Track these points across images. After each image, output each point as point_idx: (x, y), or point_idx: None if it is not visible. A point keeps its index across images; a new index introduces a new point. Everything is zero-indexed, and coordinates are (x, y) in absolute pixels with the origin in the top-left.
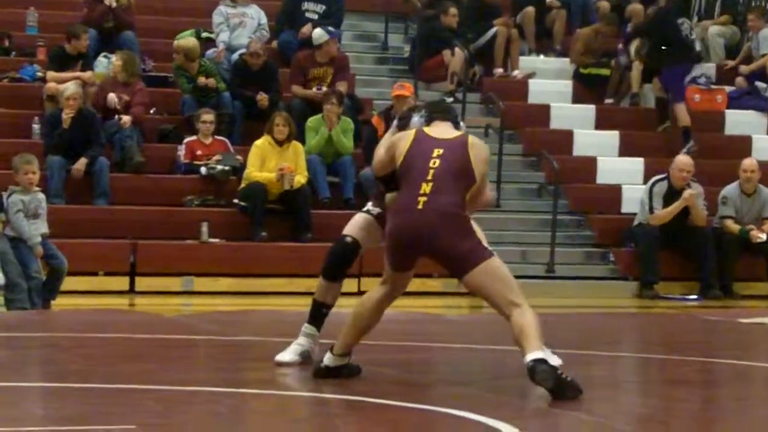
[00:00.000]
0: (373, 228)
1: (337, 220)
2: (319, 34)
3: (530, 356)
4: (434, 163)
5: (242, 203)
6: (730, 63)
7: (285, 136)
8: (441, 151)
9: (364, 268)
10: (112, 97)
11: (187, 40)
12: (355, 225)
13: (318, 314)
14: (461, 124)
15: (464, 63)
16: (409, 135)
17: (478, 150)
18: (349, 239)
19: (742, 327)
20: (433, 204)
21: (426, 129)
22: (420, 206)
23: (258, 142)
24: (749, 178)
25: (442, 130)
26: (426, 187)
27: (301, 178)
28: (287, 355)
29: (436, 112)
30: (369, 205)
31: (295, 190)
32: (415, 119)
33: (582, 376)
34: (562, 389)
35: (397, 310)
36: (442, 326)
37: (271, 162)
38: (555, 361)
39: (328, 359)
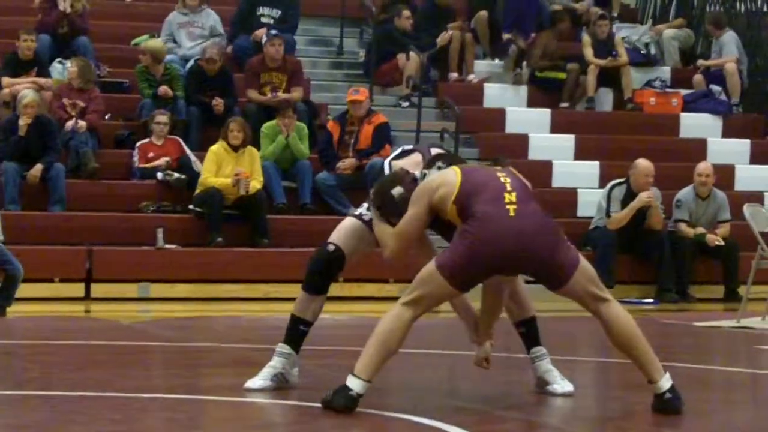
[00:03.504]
0: (365, 234)
1: (293, 226)
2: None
3: (665, 383)
4: (505, 179)
5: (198, 209)
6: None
7: (240, 141)
8: (503, 173)
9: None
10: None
11: (154, 41)
12: (341, 231)
13: (295, 332)
14: None
15: (419, 67)
16: (451, 175)
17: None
18: (331, 247)
19: (699, 330)
20: (525, 210)
21: (467, 166)
22: (512, 213)
23: (213, 148)
24: (704, 182)
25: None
26: (510, 197)
27: (257, 184)
28: (257, 381)
29: (457, 161)
30: (362, 208)
31: (251, 195)
32: (434, 173)
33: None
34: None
35: (353, 315)
36: None
37: (228, 167)
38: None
39: (360, 386)
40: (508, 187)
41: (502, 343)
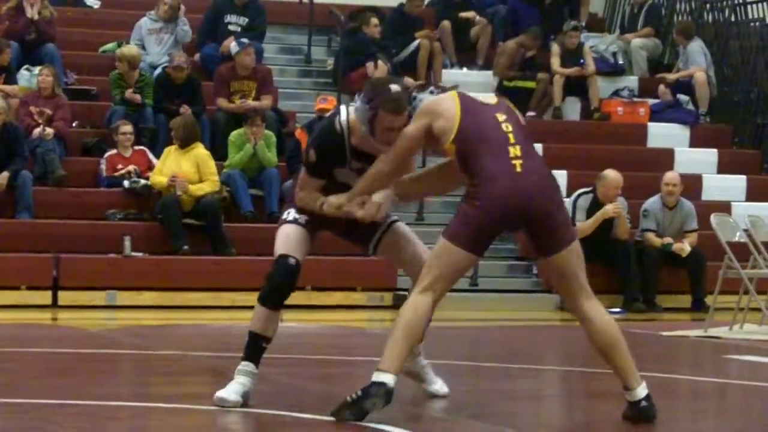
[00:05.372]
0: (307, 239)
1: (260, 234)
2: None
3: (641, 392)
4: (507, 128)
5: (159, 216)
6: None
7: (179, 142)
8: (504, 116)
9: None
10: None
11: (129, 47)
12: (292, 241)
13: (257, 349)
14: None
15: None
16: (451, 107)
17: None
18: (292, 261)
19: (666, 340)
20: (531, 166)
21: (465, 95)
22: (519, 169)
23: (167, 148)
24: (671, 191)
25: (479, 97)
26: (515, 151)
27: (206, 186)
28: (231, 394)
29: (448, 88)
30: (293, 213)
31: (204, 203)
32: (426, 97)
33: (505, 389)
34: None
35: (320, 323)
36: (364, 339)
37: (172, 166)
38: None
39: (392, 380)
40: (512, 139)
41: (469, 352)
